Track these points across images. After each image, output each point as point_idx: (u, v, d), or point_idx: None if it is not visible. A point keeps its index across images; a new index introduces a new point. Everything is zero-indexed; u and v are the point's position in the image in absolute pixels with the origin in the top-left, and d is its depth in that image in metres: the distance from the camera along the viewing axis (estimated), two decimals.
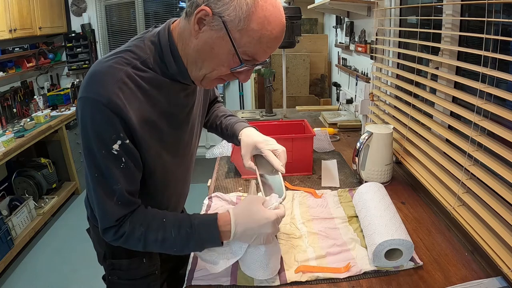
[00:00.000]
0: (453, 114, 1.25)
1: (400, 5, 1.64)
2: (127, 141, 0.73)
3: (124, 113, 0.71)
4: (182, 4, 3.92)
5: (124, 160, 0.74)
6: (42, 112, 3.22)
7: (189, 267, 0.95)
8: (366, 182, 1.26)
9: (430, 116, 1.34)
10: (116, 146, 0.72)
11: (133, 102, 0.73)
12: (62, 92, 3.76)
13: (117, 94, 0.70)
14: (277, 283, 0.88)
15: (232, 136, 1.06)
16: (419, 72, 1.37)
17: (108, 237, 0.79)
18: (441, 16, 1.28)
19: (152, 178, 0.84)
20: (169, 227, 0.79)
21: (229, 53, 0.71)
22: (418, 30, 1.36)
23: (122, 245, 0.80)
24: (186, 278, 0.91)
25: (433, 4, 1.41)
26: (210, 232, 0.79)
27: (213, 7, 0.68)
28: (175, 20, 0.80)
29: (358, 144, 1.32)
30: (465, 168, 1.05)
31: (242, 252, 0.84)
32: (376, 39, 1.79)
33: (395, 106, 1.59)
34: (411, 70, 1.43)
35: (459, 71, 1.26)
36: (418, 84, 1.37)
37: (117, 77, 0.71)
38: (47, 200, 3.06)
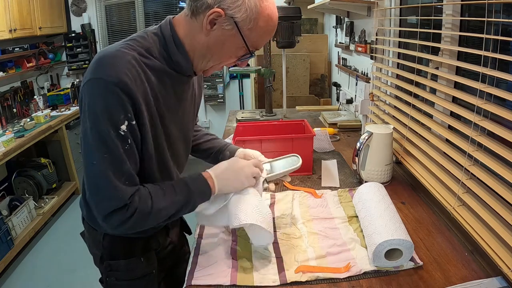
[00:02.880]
0: (453, 114, 1.25)
1: (400, 5, 1.64)
2: (134, 122, 0.75)
3: (133, 92, 0.73)
4: (182, 4, 3.91)
5: (129, 142, 0.76)
6: (42, 112, 3.22)
7: (189, 267, 0.95)
8: (366, 182, 1.26)
9: (430, 116, 1.34)
10: (123, 127, 0.74)
11: (139, 84, 0.75)
12: (62, 92, 3.76)
13: (127, 74, 0.72)
14: (277, 283, 0.88)
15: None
16: (419, 72, 1.37)
17: (115, 220, 0.76)
18: (441, 16, 1.28)
19: (149, 163, 0.84)
20: (172, 194, 0.83)
21: (238, 46, 0.79)
22: (418, 30, 1.36)
23: (128, 228, 0.78)
24: (186, 278, 0.91)
25: (433, 4, 1.41)
26: (201, 184, 0.88)
27: (226, 8, 0.74)
28: (174, 16, 0.84)
29: (358, 144, 1.32)
30: (465, 168, 1.05)
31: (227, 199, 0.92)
32: (376, 39, 1.79)
33: (395, 106, 1.59)
34: (411, 70, 1.43)
35: (459, 71, 1.26)
36: (418, 84, 1.37)
37: (126, 59, 0.74)
38: (47, 200, 3.06)
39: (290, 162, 1.09)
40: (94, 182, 0.76)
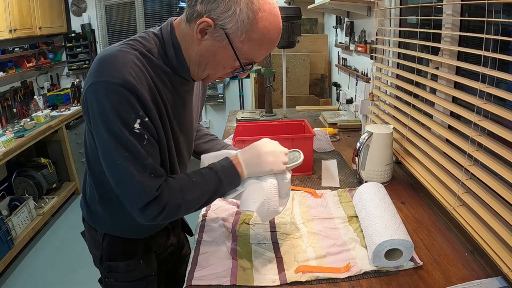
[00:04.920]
0: (453, 114, 1.25)
1: (400, 5, 1.64)
2: (146, 118, 0.74)
3: (139, 91, 0.72)
4: (182, 4, 3.92)
5: (146, 137, 0.75)
6: (42, 112, 3.22)
7: (189, 267, 0.95)
8: (366, 182, 1.26)
9: (430, 116, 1.34)
10: (137, 125, 0.73)
11: (144, 82, 0.74)
12: (62, 92, 3.76)
13: (131, 73, 0.71)
14: (277, 283, 0.88)
15: None
16: (419, 72, 1.37)
17: (150, 213, 0.78)
18: (441, 16, 1.28)
19: (163, 157, 0.84)
20: (201, 184, 0.83)
21: (231, 58, 0.75)
22: (418, 30, 1.36)
23: (162, 219, 0.80)
24: (186, 278, 0.91)
25: (433, 4, 1.41)
26: (230, 172, 0.87)
27: (216, 19, 0.71)
28: (176, 18, 0.82)
29: (358, 144, 1.32)
30: (465, 168, 1.05)
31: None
32: (376, 39, 1.79)
33: (395, 106, 1.59)
34: (411, 70, 1.42)
35: (459, 71, 1.26)
36: (418, 84, 1.37)
37: (128, 58, 0.72)
38: (47, 200, 3.06)
39: (291, 158, 1.09)
40: (121, 181, 0.77)
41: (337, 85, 2.85)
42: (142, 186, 0.75)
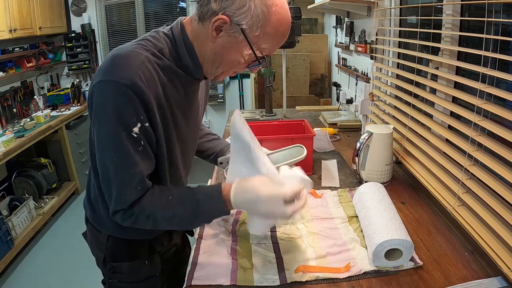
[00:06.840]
0: (453, 114, 1.25)
1: (400, 5, 1.64)
2: (147, 123, 0.74)
3: (145, 95, 0.72)
4: (182, 4, 3.92)
5: (142, 144, 0.75)
6: (42, 112, 3.22)
7: (189, 267, 0.95)
8: (366, 182, 1.26)
9: (430, 116, 1.34)
10: (136, 129, 0.73)
11: (152, 85, 0.74)
12: (62, 92, 3.75)
13: (140, 76, 0.71)
14: (277, 283, 0.88)
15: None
16: (419, 72, 1.37)
17: (117, 218, 0.79)
18: (441, 16, 1.28)
19: (161, 162, 0.84)
20: (176, 205, 0.79)
21: (246, 53, 0.77)
22: (418, 30, 1.36)
23: (131, 226, 0.80)
24: (186, 278, 0.91)
25: (433, 4, 1.41)
26: (216, 205, 0.79)
27: (231, 15, 0.72)
28: (185, 18, 0.83)
29: (358, 144, 1.32)
30: (465, 168, 1.05)
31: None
32: (376, 39, 1.79)
33: (395, 106, 1.59)
34: (411, 70, 1.43)
35: (459, 71, 1.26)
36: (418, 84, 1.37)
37: (139, 60, 0.73)
38: (47, 200, 3.06)
39: (293, 153, 1.07)
40: (104, 181, 0.77)
41: (337, 85, 2.85)
42: (120, 194, 0.76)
